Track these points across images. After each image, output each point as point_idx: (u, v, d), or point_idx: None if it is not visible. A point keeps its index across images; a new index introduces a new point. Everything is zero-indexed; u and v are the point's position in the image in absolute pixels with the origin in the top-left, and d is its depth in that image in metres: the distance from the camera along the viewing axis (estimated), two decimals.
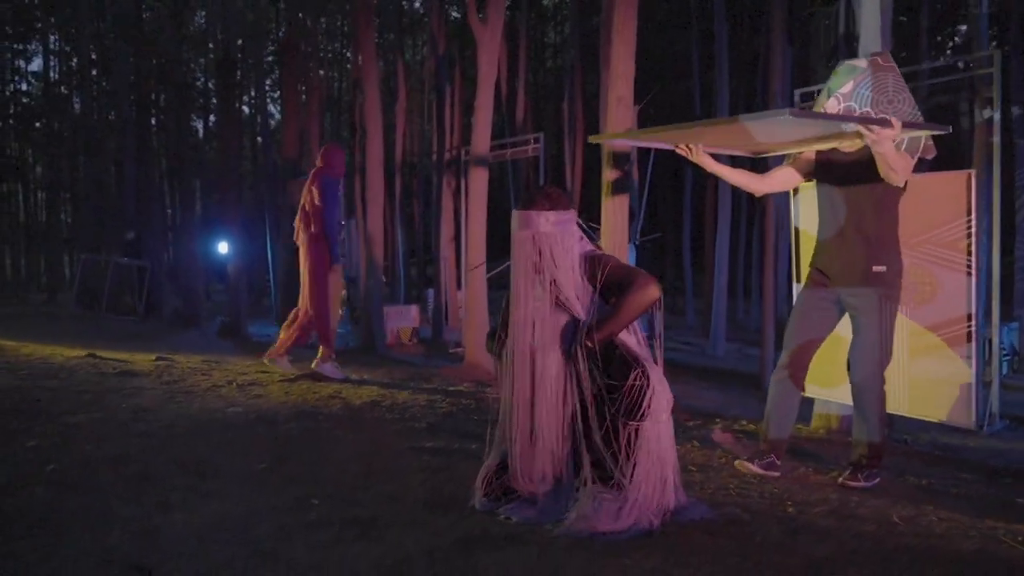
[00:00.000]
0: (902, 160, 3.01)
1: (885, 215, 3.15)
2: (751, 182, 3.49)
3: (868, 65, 3.15)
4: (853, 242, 3.16)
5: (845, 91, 3.11)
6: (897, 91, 3.10)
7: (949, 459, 4.23)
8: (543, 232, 2.39)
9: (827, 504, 2.83)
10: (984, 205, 5.49)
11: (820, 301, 3.29)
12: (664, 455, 2.32)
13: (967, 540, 2.45)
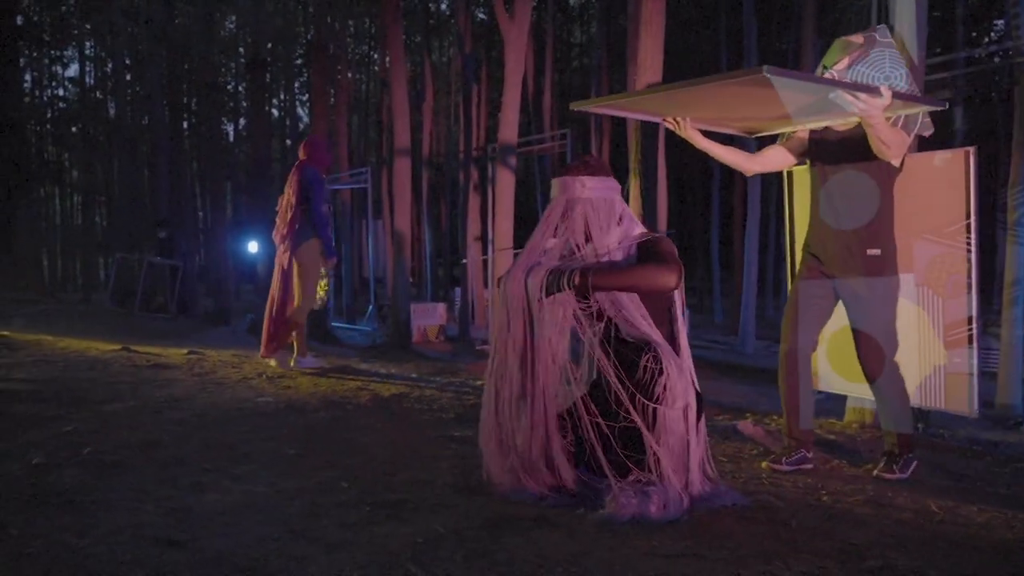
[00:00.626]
0: (896, 135, 2.88)
1: (880, 196, 3.01)
2: (743, 161, 3.35)
3: (864, 41, 3.02)
4: (846, 225, 3.04)
5: (840, 67, 2.98)
6: (894, 66, 2.97)
7: (986, 453, 4.13)
8: (578, 197, 2.35)
9: (863, 494, 2.77)
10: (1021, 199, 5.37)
11: (816, 288, 3.16)
12: (684, 442, 2.26)
13: (1009, 531, 2.39)
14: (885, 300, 3.03)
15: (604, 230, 2.34)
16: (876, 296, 3.01)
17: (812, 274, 3.18)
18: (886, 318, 3.03)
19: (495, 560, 1.83)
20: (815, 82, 2.72)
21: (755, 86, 2.60)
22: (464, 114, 10.84)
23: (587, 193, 2.36)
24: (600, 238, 2.33)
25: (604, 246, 2.33)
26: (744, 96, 2.82)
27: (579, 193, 2.36)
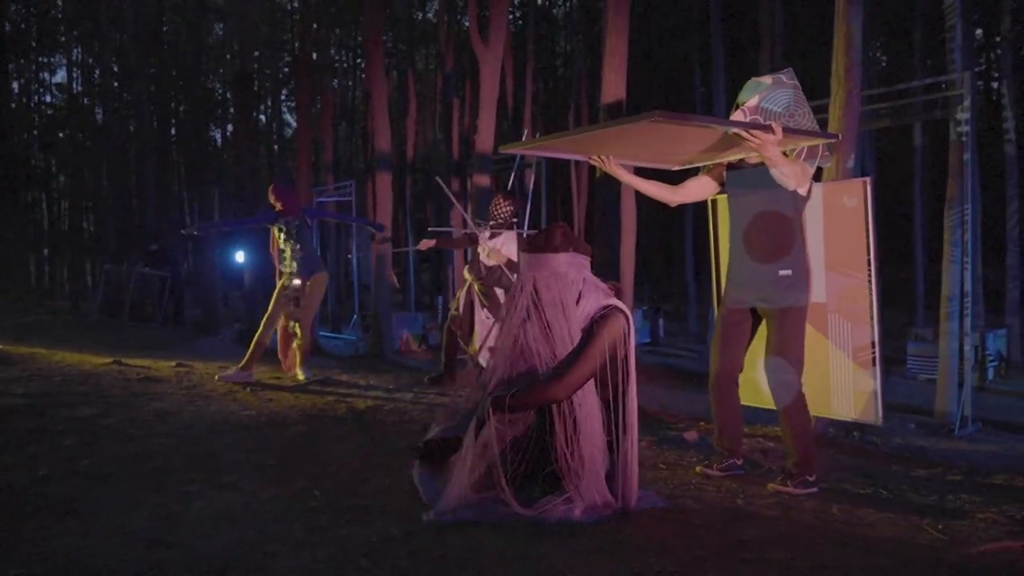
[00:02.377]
0: (794, 167, 3.18)
1: (789, 221, 3.29)
2: (666, 193, 3.60)
3: (772, 82, 3.32)
4: (760, 249, 3.31)
5: (751, 104, 3.25)
6: (798, 105, 3.25)
7: (914, 459, 4.51)
8: (545, 274, 2.61)
9: (776, 498, 3.13)
10: (957, 220, 5.77)
11: (738, 316, 3.44)
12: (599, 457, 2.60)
13: (893, 528, 2.75)
14: (797, 322, 3.32)
15: (563, 325, 2.60)
16: (789, 318, 3.30)
17: (733, 302, 3.49)
18: (796, 342, 3.32)
19: (437, 556, 2.18)
20: (703, 123, 2.96)
21: (662, 126, 2.83)
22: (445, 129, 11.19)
23: (555, 268, 2.61)
24: (560, 333, 2.60)
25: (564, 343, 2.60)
26: (659, 134, 3.06)
27: (546, 269, 2.62)
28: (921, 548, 2.52)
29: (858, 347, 3.79)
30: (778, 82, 3.34)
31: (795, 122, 3.21)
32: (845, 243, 3.82)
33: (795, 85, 3.36)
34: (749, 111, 3.31)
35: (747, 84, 3.46)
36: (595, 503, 2.53)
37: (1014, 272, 9.14)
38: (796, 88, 3.35)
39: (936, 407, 6.11)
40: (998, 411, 6.77)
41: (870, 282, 3.70)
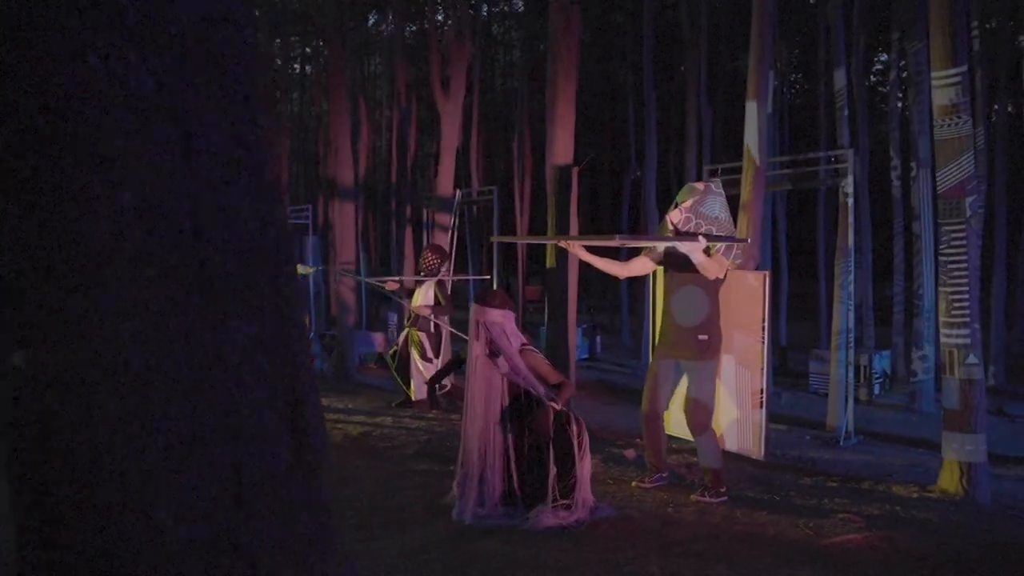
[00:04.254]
0: (714, 262, 4.22)
1: (708, 297, 4.30)
2: (617, 269, 4.66)
3: (704, 188, 4.39)
4: (685, 316, 4.28)
5: (687, 205, 4.29)
6: (720, 211, 4.34)
7: (804, 469, 5.65)
8: (486, 320, 3.82)
9: (696, 506, 4.17)
10: (845, 269, 7.01)
11: (666, 367, 4.46)
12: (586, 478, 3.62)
13: (777, 526, 3.82)
14: (710, 375, 4.40)
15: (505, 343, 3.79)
16: (704, 371, 4.37)
17: (662, 355, 4.53)
18: (709, 389, 4.40)
19: (464, 562, 3.09)
20: (651, 240, 4.14)
21: (619, 238, 4.04)
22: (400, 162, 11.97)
23: (490, 318, 3.82)
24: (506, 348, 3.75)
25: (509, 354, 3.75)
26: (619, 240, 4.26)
27: (487, 318, 3.83)
28: (794, 541, 3.58)
29: (753, 391, 4.92)
30: (708, 190, 4.41)
31: (717, 225, 4.28)
32: (747, 312, 4.95)
33: (721, 193, 4.44)
34: (684, 210, 4.38)
35: (684, 188, 4.54)
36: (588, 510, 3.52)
37: (899, 298, 10.61)
38: (722, 195, 4.43)
39: (827, 421, 7.35)
40: (879, 424, 8.08)
41: (763, 342, 4.82)
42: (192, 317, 1.11)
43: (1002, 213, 12.00)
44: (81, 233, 1.03)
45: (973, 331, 4.87)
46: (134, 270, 1.05)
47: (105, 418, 1.03)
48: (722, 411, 5.07)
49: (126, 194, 1.04)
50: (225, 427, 1.16)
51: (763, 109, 6.17)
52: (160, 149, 1.08)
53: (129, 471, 1.05)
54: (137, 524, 1.06)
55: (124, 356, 1.04)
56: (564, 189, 7.25)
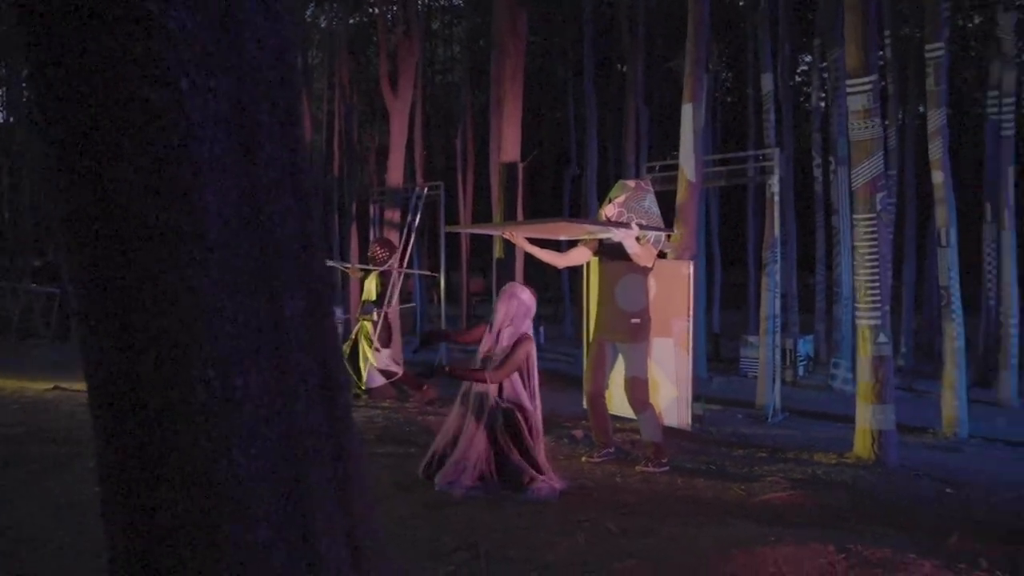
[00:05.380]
0: (644, 250, 4.62)
1: (639, 284, 4.73)
2: (555, 258, 5.03)
3: (634, 186, 4.82)
4: (618, 302, 4.72)
5: (619, 200, 4.70)
6: (651, 205, 4.77)
7: (737, 443, 6.14)
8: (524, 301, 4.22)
9: (641, 476, 4.56)
10: (772, 258, 7.55)
11: (601, 348, 4.85)
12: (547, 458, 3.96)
13: (715, 490, 4.24)
14: (643, 355, 4.79)
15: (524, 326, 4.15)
16: (637, 352, 4.76)
17: (599, 339, 4.91)
18: (643, 369, 4.80)
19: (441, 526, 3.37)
20: (589, 223, 4.51)
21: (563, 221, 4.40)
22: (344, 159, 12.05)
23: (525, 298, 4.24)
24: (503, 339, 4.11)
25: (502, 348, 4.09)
26: (557, 224, 4.68)
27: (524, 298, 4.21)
28: (729, 501, 4.00)
29: (682, 371, 5.39)
30: (639, 187, 4.81)
31: (648, 218, 4.69)
32: (678, 298, 5.42)
33: (650, 190, 4.84)
34: (617, 205, 4.76)
35: (617, 184, 4.92)
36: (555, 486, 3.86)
37: (821, 287, 11.35)
38: (651, 192, 4.84)
39: (757, 400, 7.90)
40: (803, 402, 8.69)
41: (689, 324, 5.30)
42: (256, 292, 1.37)
43: (912, 208, 12.94)
44: (169, 224, 1.28)
45: (883, 313, 5.42)
46: (212, 254, 1.31)
47: (197, 376, 1.29)
48: (661, 390, 5.50)
49: (208, 191, 1.30)
50: (279, 388, 1.43)
51: (698, 111, 6.62)
52: (232, 156, 1.34)
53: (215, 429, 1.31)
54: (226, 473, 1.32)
55: (210, 324, 1.30)
56: (512, 185, 7.57)
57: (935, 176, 6.92)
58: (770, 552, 2.68)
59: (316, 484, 1.50)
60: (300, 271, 1.47)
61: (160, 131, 1.25)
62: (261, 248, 1.39)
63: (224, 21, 1.32)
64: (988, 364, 9.63)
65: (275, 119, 1.42)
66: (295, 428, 1.45)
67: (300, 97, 1.52)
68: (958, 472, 5.38)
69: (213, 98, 1.30)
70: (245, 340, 1.34)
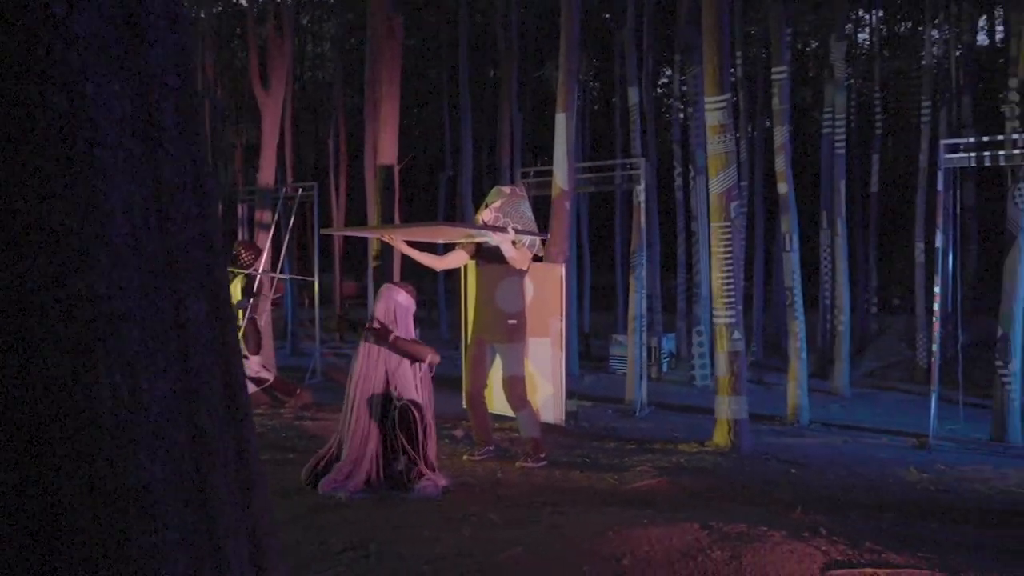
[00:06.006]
0: (520, 253, 4.80)
1: (515, 286, 4.91)
2: (434, 261, 5.14)
3: (510, 191, 5.02)
4: (496, 304, 4.88)
5: (495, 206, 4.87)
6: (526, 210, 4.98)
7: (609, 435, 6.49)
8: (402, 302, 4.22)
9: (522, 471, 4.74)
10: (639, 261, 8.01)
11: (480, 347, 5.01)
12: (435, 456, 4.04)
13: (590, 480, 4.49)
14: (519, 355, 4.97)
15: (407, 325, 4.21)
16: (514, 351, 4.94)
17: (477, 339, 5.06)
18: (520, 368, 4.98)
19: (326, 528, 3.37)
20: (468, 226, 4.65)
21: (440, 224, 4.50)
22: (213, 156, 11.48)
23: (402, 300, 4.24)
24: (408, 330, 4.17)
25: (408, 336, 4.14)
26: (435, 228, 4.82)
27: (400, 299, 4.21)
28: (604, 489, 4.26)
29: (557, 369, 5.66)
30: (514, 192, 5.00)
31: (523, 223, 4.89)
32: (552, 299, 5.69)
33: (525, 196, 5.05)
34: (493, 210, 4.92)
35: (493, 190, 5.09)
36: (439, 484, 3.92)
37: (681, 288, 12.12)
38: (526, 197, 5.04)
39: (626, 396, 8.35)
40: (667, 396, 9.28)
41: (563, 324, 5.60)
42: (162, 295, 1.38)
43: (761, 214, 14.09)
44: (74, 230, 1.27)
45: (737, 312, 5.93)
46: (119, 258, 1.31)
47: (103, 382, 1.28)
48: (537, 388, 5.73)
49: (114, 195, 1.29)
50: (184, 391, 1.44)
51: (571, 120, 6.93)
52: (136, 160, 1.34)
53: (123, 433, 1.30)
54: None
55: (116, 329, 1.29)
56: (389, 188, 7.57)
57: (780, 187, 7.64)
58: (642, 532, 2.91)
59: (221, 485, 1.52)
60: (203, 273, 1.49)
61: (64, 136, 1.24)
62: (166, 251, 1.40)
63: (128, 25, 1.33)
64: (825, 357, 10.68)
65: (177, 123, 1.43)
66: (200, 430, 1.46)
67: (200, 101, 1.54)
68: (801, 454, 5.98)
69: (118, 102, 1.30)
70: (151, 344, 1.35)
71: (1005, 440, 6.48)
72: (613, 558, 2.66)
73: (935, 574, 2.51)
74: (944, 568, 2.59)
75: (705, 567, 2.57)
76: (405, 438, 3.97)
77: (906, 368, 11.26)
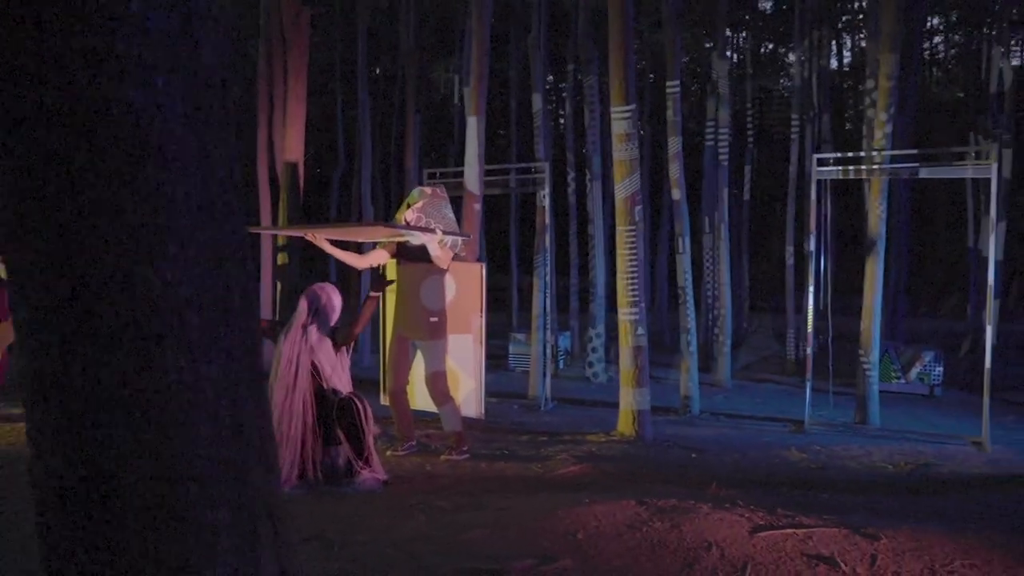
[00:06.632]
0: (444, 252, 4.97)
1: (437, 285, 5.06)
2: (356, 260, 5.22)
3: (431, 193, 5.15)
4: (416, 301, 5.00)
5: (418, 206, 5.00)
6: (447, 210, 5.14)
7: (520, 429, 6.73)
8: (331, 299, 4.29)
9: (447, 463, 4.88)
10: (541, 262, 8.31)
11: (402, 344, 5.12)
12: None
13: (515, 469, 4.70)
14: (441, 351, 5.11)
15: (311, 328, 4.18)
16: (437, 348, 5.08)
17: (398, 336, 5.16)
18: (442, 364, 5.12)
19: None
20: (395, 227, 4.82)
21: (365, 224, 4.59)
22: None
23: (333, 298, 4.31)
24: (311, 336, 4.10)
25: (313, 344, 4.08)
26: (359, 227, 4.97)
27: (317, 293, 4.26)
28: (532, 477, 4.48)
29: (475, 363, 5.87)
30: (436, 194, 5.14)
31: (445, 223, 5.04)
32: (473, 296, 5.88)
33: (446, 197, 5.20)
34: (416, 210, 5.04)
35: (414, 191, 5.20)
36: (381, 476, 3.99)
37: (575, 288, 12.60)
38: (447, 198, 5.19)
39: (529, 391, 8.64)
40: (565, 391, 9.64)
41: (482, 321, 5.80)
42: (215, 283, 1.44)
43: (646, 219, 14.89)
44: (144, 220, 1.32)
45: (641, 310, 6.33)
46: (182, 248, 1.36)
47: (171, 367, 1.33)
48: (460, 383, 5.89)
49: (179, 187, 1.35)
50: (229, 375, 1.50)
51: (481, 124, 7.12)
52: (193, 154, 1.40)
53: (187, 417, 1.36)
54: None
55: (182, 315, 1.35)
56: (295, 185, 7.46)
57: (674, 193, 8.18)
58: (588, 510, 3.14)
59: (254, 466, 1.59)
60: (240, 264, 1.56)
61: (138, 128, 1.29)
62: (216, 241, 1.46)
63: (186, 24, 1.39)
64: (706, 352, 11.47)
65: (222, 119, 1.50)
66: (242, 413, 1.53)
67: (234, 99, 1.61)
68: (698, 441, 6.48)
69: (180, 98, 1.36)
70: (208, 329, 1.41)
71: (867, 423, 7.28)
72: (568, 534, 2.87)
73: (841, 531, 2.91)
74: (846, 526, 3.00)
75: (651, 536, 2.84)
76: (346, 432, 4.01)
77: (777, 362, 12.29)
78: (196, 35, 1.41)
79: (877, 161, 7.24)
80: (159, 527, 1.36)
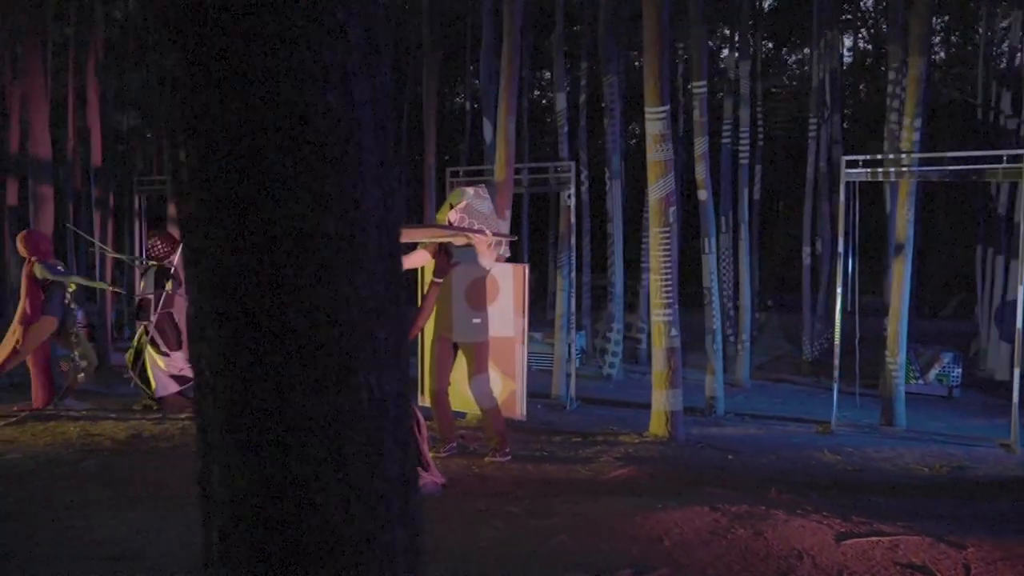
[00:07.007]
0: (490, 253, 4.98)
1: (481, 285, 5.03)
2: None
3: (473, 193, 5.13)
4: (460, 303, 5.00)
5: (461, 207, 4.97)
6: (491, 211, 5.13)
7: (550, 429, 6.71)
8: None
9: (493, 464, 4.86)
10: (565, 260, 8.29)
11: (444, 345, 5.09)
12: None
13: (563, 472, 4.68)
14: (484, 353, 5.08)
15: None
16: (480, 349, 5.05)
17: (440, 336, 5.13)
18: (485, 365, 5.10)
19: None
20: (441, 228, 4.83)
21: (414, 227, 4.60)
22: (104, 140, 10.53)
23: None
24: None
25: None
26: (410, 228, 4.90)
27: None
28: (583, 479, 4.47)
29: (518, 364, 5.86)
30: (477, 193, 5.11)
31: (487, 223, 5.01)
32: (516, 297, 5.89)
33: (487, 197, 5.16)
34: (459, 211, 5.00)
35: (455, 191, 5.17)
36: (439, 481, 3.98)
37: (587, 287, 12.59)
38: (488, 198, 5.16)
39: (552, 391, 8.62)
40: (585, 391, 9.63)
41: (525, 322, 5.79)
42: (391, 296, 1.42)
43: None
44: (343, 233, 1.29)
45: (674, 311, 6.32)
46: (374, 263, 1.34)
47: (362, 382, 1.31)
48: (502, 384, 5.87)
49: (369, 198, 1.32)
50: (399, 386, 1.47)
51: (511, 124, 7.09)
52: (377, 163, 1.37)
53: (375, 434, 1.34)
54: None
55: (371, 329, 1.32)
56: None
57: (700, 194, 8.16)
58: (664, 516, 3.13)
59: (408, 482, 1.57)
60: (399, 274, 1.54)
61: (337, 138, 1.26)
62: (389, 252, 1.43)
63: (370, 35, 1.36)
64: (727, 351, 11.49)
65: (392, 127, 1.47)
66: (403, 425, 1.51)
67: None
68: (729, 442, 6.48)
69: (368, 107, 1.33)
70: (390, 344, 1.39)
71: (893, 424, 7.30)
72: (653, 540, 2.86)
73: (925, 539, 2.91)
74: (928, 534, 3.00)
75: (737, 543, 2.83)
76: None
77: (791, 361, 12.31)
78: (376, 41, 1.38)
79: (906, 164, 7.25)
80: (346, 547, 1.33)
